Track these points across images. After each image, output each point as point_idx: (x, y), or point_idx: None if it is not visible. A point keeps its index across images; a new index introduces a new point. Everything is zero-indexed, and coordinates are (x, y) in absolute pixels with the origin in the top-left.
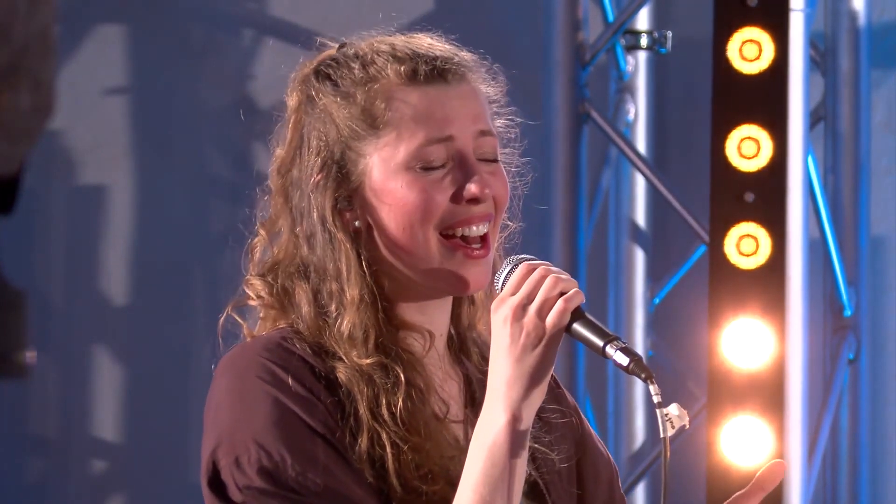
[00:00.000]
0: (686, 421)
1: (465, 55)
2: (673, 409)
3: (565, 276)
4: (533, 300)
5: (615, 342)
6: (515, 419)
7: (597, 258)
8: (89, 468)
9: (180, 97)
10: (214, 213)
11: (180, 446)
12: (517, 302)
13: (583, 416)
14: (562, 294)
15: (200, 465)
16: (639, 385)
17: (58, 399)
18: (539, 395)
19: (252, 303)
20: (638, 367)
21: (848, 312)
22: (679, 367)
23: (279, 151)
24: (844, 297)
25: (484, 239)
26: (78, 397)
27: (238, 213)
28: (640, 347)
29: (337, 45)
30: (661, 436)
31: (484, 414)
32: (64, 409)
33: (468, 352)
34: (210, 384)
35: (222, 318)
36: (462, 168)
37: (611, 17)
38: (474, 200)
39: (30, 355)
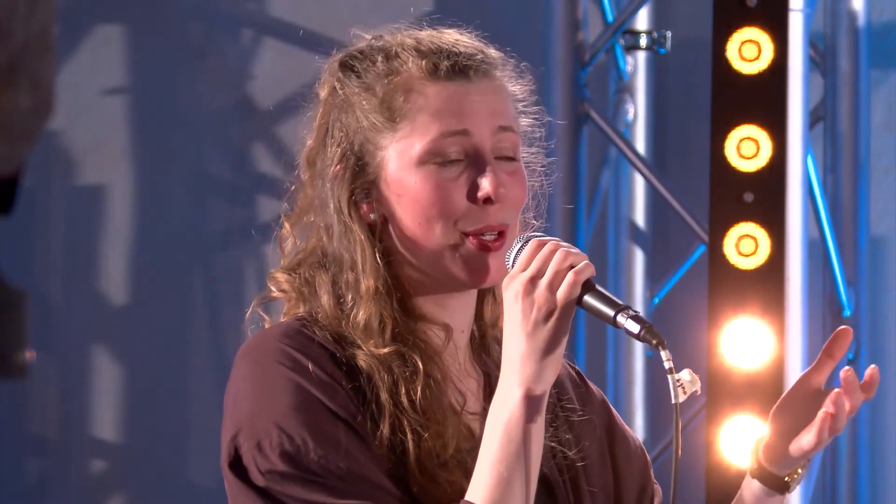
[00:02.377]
0: (698, 386)
1: (492, 52)
2: (685, 375)
3: (575, 250)
4: (543, 274)
5: (626, 311)
6: (530, 393)
7: (597, 258)
8: (89, 468)
9: (180, 97)
10: (214, 213)
11: (180, 446)
12: (528, 277)
13: (611, 408)
14: (572, 267)
15: (221, 451)
16: (639, 384)
17: (58, 399)
18: (553, 369)
19: (276, 296)
20: (649, 333)
21: (847, 312)
22: (679, 367)
23: (309, 142)
24: (844, 297)
25: (500, 234)
26: (78, 397)
27: (237, 213)
28: (639, 347)
29: (370, 37)
30: (673, 402)
31: (499, 391)
32: (64, 409)
33: (488, 348)
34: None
35: (248, 313)
36: (477, 164)
37: (610, 18)
38: (489, 200)
39: (28, 355)
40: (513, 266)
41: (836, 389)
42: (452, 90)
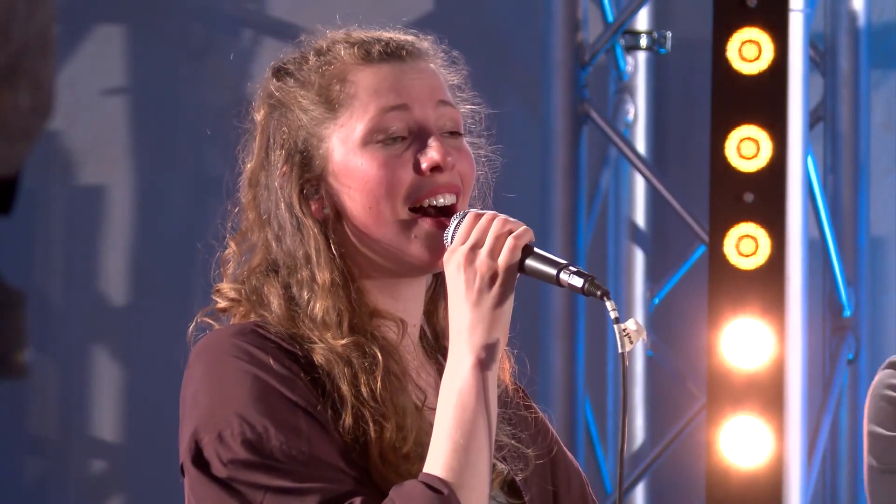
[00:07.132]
0: (643, 335)
1: (423, 42)
2: (630, 325)
3: (514, 219)
4: (483, 243)
5: (567, 268)
6: (481, 361)
7: (597, 258)
8: (89, 468)
9: (180, 97)
10: (214, 213)
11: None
12: (468, 247)
13: (551, 428)
14: (511, 233)
15: (179, 452)
16: (639, 385)
17: (57, 399)
18: (502, 336)
19: (221, 306)
20: (593, 285)
21: (847, 313)
22: (679, 367)
23: (248, 165)
24: (844, 297)
25: (452, 210)
26: (77, 397)
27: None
28: (639, 347)
29: (298, 43)
30: (619, 351)
31: (449, 362)
32: (63, 409)
33: (443, 349)
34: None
35: (192, 327)
36: (421, 138)
37: (610, 18)
38: (437, 168)
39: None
40: (451, 242)
41: None
42: (388, 70)
